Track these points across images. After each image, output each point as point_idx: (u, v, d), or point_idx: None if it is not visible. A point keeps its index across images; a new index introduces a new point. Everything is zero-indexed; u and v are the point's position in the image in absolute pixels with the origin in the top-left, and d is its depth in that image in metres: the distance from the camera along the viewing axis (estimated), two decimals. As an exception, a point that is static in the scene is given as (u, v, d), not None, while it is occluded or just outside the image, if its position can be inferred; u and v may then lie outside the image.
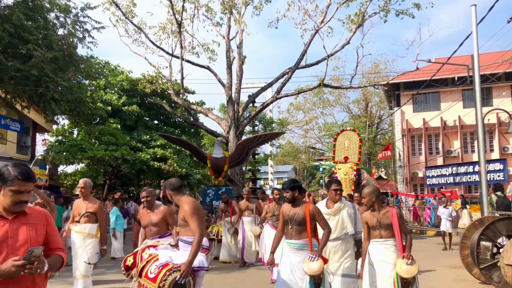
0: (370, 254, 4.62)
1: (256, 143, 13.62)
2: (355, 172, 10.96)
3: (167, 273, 3.72)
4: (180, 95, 17.05)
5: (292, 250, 4.55)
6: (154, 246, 4.54)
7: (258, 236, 9.02)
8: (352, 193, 9.91)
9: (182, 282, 3.73)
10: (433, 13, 79.42)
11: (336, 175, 11.12)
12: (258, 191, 11.62)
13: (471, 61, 10.20)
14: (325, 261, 4.39)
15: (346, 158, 11.26)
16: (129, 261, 4.53)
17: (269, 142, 27.53)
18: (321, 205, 5.16)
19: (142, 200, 5.14)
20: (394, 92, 28.29)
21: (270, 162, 35.52)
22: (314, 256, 4.22)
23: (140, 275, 3.99)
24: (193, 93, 26.06)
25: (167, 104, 19.70)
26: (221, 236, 9.89)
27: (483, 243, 6.83)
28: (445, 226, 12.16)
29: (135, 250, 4.76)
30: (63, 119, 19.16)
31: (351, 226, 5.00)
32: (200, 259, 3.92)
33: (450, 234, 12.21)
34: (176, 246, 4.42)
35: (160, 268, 3.79)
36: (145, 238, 5.08)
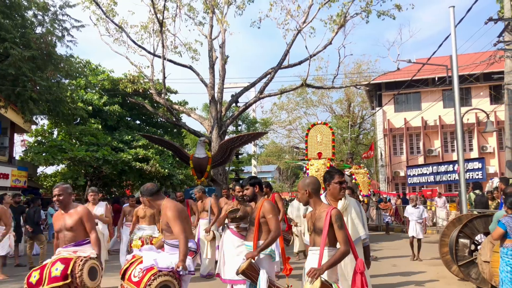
0: (305, 266, 3.54)
1: (239, 143, 13.58)
2: (327, 169, 10.35)
3: (152, 278, 3.64)
4: (162, 95, 16.89)
5: (247, 252, 4.20)
6: (67, 261, 3.98)
7: (212, 241, 7.99)
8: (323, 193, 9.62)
9: (182, 272, 3.75)
10: (414, 14, 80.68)
11: (307, 171, 10.22)
12: (224, 186, 10.10)
13: (450, 61, 10.38)
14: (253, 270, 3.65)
15: (319, 154, 10.39)
16: (34, 277, 3.94)
17: (253, 142, 27.55)
18: None
19: (54, 199, 4.32)
20: (376, 92, 28.63)
21: (253, 162, 35.52)
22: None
23: (123, 278, 3.89)
24: (175, 92, 25.85)
25: (149, 104, 19.50)
26: None
27: (461, 240, 6.95)
28: (414, 230, 9.77)
29: (43, 263, 4.16)
30: (42, 119, 18.81)
31: (362, 229, 3.91)
32: (187, 263, 3.87)
33: (419, 240, 9.82)
34: (161, 248, 4.31)
35: (145, 272, 3.71)
36: (58, 247, 4.34)
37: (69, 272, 3.91)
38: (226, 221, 5.95)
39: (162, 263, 3.77)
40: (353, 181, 10.84)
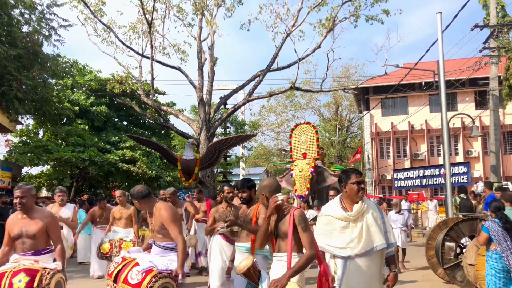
0: (270, 275, 3.34)
1: (228, 145, 13.54)
2: (312, 169, 9.57)
3: (153, 280, 3.60)
4: (150, 96, 16.78)
5: (241, 253, 4.24)
6: (32, 273, 3.68)
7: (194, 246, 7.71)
8: (307, 193, 9.20)
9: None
10: (402, 19, 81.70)
11: (291, 172, 9.89)
12: (194, 190, 9.53)
13: (437, 67, 10.51)
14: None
15: (304, 155, 10.04)
16: None
17: (241, 144, 27.52)
18: (334, 206, 3.43)
19: (15, 201, 3.94)
20: (364, 96, 28.87)
21: (242, 164, 35.50)
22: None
23: (115, 280, 3.77)
24: (163, 94, 25.71)
25: (136, 105, 19.35)
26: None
27: (447, 243, 7.02)
28: (399, 239, 8.78)
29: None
30: (27, 119, 18.52)
31: (380, 237, 3.27)
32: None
33: (404, 250, 9.02)
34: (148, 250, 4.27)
35: (144, 274, 3.65)
36: (8, 253, 4.02)
37: (35, 285, 3.64)
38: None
39: (160, 265, 3.77)
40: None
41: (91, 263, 8.43)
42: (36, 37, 13.65)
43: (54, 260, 3.98)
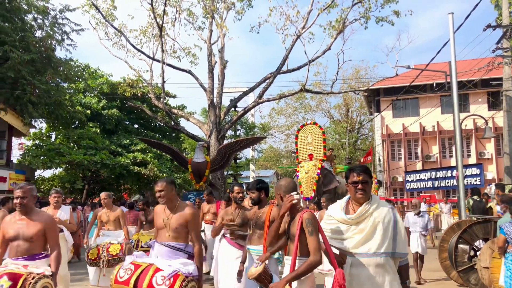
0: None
1: (238, 147, 13.56)
2: (318, 171, 9.25)
3: (183, 284, 3.55)
4: (161, 99, 16.88)
5: (252, 256, 4.21)
6: (15, 277, 3.49)
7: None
8: (313, 195, 8.93)
9: None
10: (412, 20, 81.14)
11: (297, 174, 9.58)
12: (206, 191, 9.40)
13: (448, 67, 10.42)
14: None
15: (310, 156, 9.68)
16: None
17: (251, 147, 27.55)
18: (337, 207, 3.18)
19: (15, 202, 3.74)
20: (374, 98, 28.71)
21: (252, 166, 35.50)
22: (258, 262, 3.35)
23: (135, 285, 3.58)
24: (174, 97, 25.87)
25: (147, 108, 19.49)
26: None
27: (460, 246, 6.94)
28: (419, 245, 8.05)
29: None
30: (40, 122, 18.78)
31: (384, 243, 2.89)
32: (193, 268, 3.87)
33: (422, 257, 8.10)
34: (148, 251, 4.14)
35: (171, 279, 3.55)
36: (0, 256, 3.85)
37: None
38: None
39: (185, 269, 3.70)
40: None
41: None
42: (49, 42, 13.84)
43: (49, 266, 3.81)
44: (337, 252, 3.10)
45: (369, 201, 2.99)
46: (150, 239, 6.28)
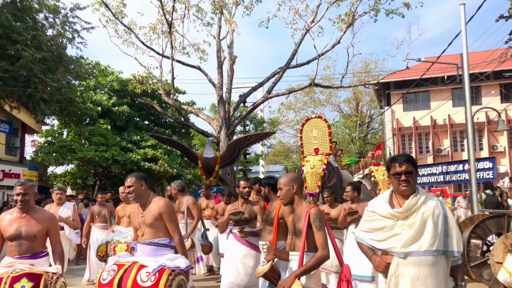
0: (287, 274, 3.26)
1: (247, 143, 13.59)
2: (324, 166, 9.00)
3: (170, 278, 3.43)
4: (171, 95, 16.96)
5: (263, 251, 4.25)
6: (36, 278, 3.42)
7: (190, 250, 6.58)
8: (318, 190, 8.51)
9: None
10: (423, 12, 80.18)
11: (303, 168, 9.31)
12: (202, 186, 8.91)
13: (460, 60, 10.30)
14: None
15: (316, 150, 9.44)
16: None
17: (260, 142, 27.55)
18: (380, 201, 2.88)
19: (16, 199, 3.63)
20: (384, 91, 28.50)
21: (261, 162, 35.54)
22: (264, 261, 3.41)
23: (119, 286, 3.45)
24: (183, 93, 25.96)
25: (157, 105, 19.60)
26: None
27: (473, 241, 6.90)
28: None
29: None
30: (52, 119, 19.02)
31: (435, 240, 2.63)
32: (185, 259, 3.80)
33: None
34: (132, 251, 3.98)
35: (157, 274, 3.42)
36: None
37: None
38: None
39: (171, 264, 3.59)
40: (372, 179, 9.71)
41: (89, 265, 7.66)
42: (60, 40, 13.95)
43: (50, 265, 3.76)
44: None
45: (415, 193, 2.73)
46: None
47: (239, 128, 22.92)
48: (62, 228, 5.87)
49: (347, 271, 3.06)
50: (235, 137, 16.19)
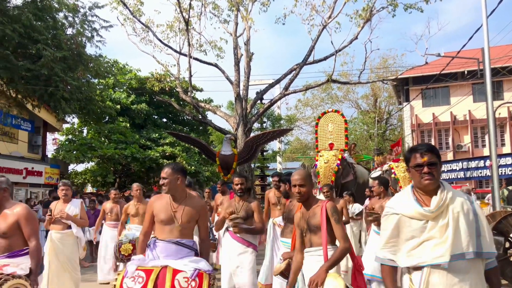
0: (304, 271, 3.22)
1: (265, 140, 13.58)
2: (338, 162, 8.72)
3: (211, 283, 3.25)
4: (188, 93, 17.08)
5: (285, 249, 4.23)
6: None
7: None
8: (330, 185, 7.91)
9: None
10: (442, 6, 78.65)
11: (316, 163, 9.00)
12: (219, 182, 8.85)
13: (481, 54, 10.10)
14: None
15: (331, 145, 9.15)
16: None
17: (278, 139, 27.53)
18: (405, 200, 2.41)
19: None
20: (403, 87, 28.11)
21: (278, 158, 35.50)
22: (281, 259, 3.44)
23: None
24: (201, 90, 26.12)
25: (175, 102, 19.77)
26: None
27: (495, 238, 6.77)
28: None
29: None
30: (73, 118, 19.38)
31: (470, 240, 2.27)
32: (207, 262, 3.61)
33: None
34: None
35: (196, 278, 3.18)
36: None
37: None
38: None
39: (205, 266, 3.34)
40: (392, 175, 9.39)
41: (100, 265, 7.44)
42: (80, 39, 14.17)
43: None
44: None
45: (442, 188, 2.34)
46: None
47: (256, 125, 22.95)
48: (70, 227, 5.62)
49: (359, 263, 3.17)
50: (252, 134, 16.22)
